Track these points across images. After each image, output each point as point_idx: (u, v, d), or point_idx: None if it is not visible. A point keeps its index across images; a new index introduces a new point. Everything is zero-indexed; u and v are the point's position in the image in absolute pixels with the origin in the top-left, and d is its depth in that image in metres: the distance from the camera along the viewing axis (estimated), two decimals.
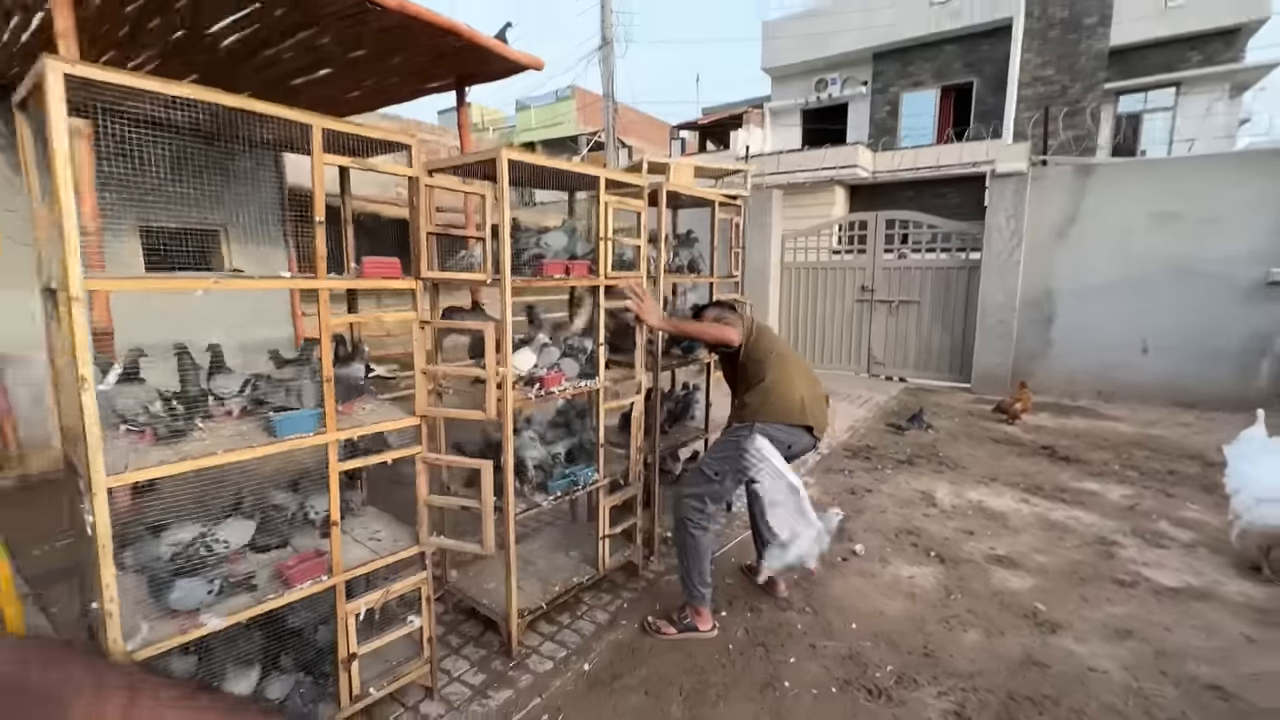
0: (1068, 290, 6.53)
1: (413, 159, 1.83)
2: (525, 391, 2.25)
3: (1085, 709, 2.02)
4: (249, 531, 1.72)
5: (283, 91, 3.71)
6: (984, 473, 4.38)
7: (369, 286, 1.81)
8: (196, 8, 2.66)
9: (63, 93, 1.20)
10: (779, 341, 2.72)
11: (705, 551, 2.42)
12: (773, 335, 2.75)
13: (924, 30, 15.52)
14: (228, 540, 1.61)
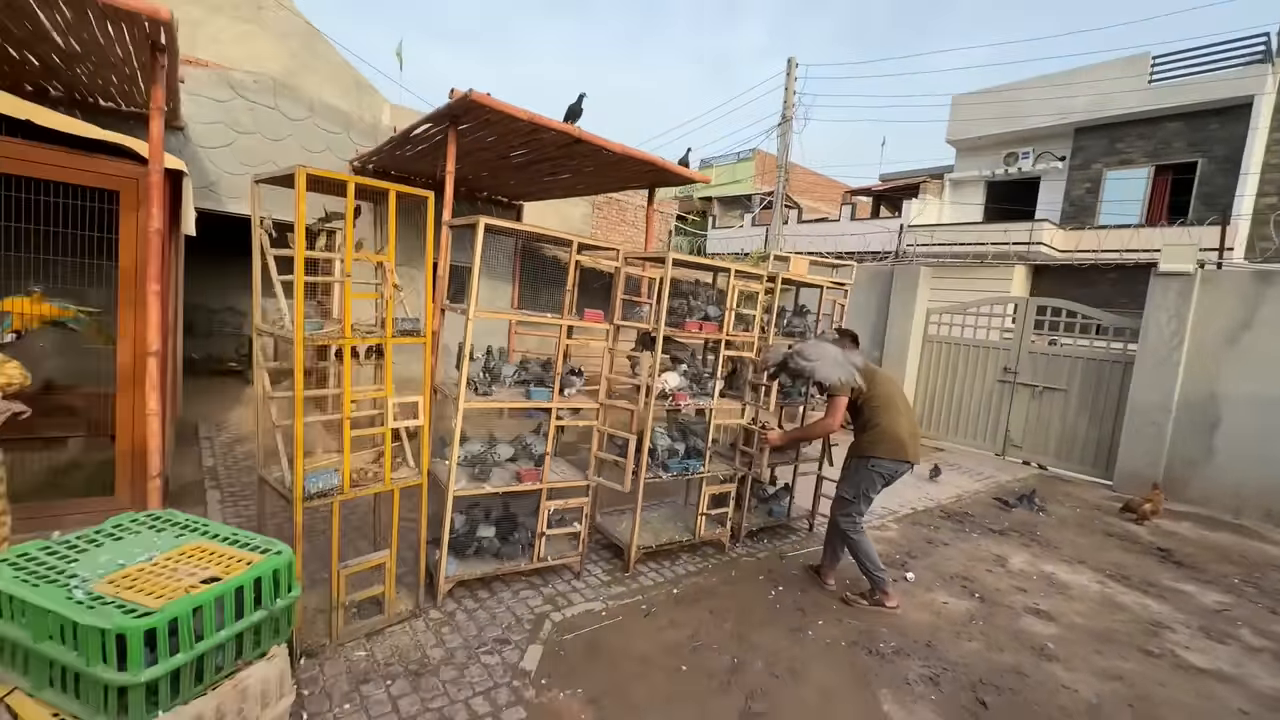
0: (1238, 396, 6.19)
1: (620, 259, 3.20)
2: (662, 402, 3.49)
3: (1039, 703, 2.65)
4: (510, 452, 3.16)
5: (539, 185, 5.55)
6: (1073, 555, 4.64)
7: (587, 326, 3.20)
8: (504, 155, 4.43)
9: (482, 232, 2.72)
10: (889, 384, 3.51)
11: (868, 546, 3.39)
12: (884, 379, 3.52)
13: (1139, 108, 14.51)
14: (499, 452, 3.05)
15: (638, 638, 2.86)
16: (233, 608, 1.76)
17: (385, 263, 2.44)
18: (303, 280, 2.25)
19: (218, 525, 2.11)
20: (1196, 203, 14.15)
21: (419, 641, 2.62)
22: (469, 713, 2.21)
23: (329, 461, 2.56)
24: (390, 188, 2.45)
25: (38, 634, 1.60)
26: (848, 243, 17.71)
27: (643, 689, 2.48)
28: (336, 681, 2.30)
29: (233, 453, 4.92)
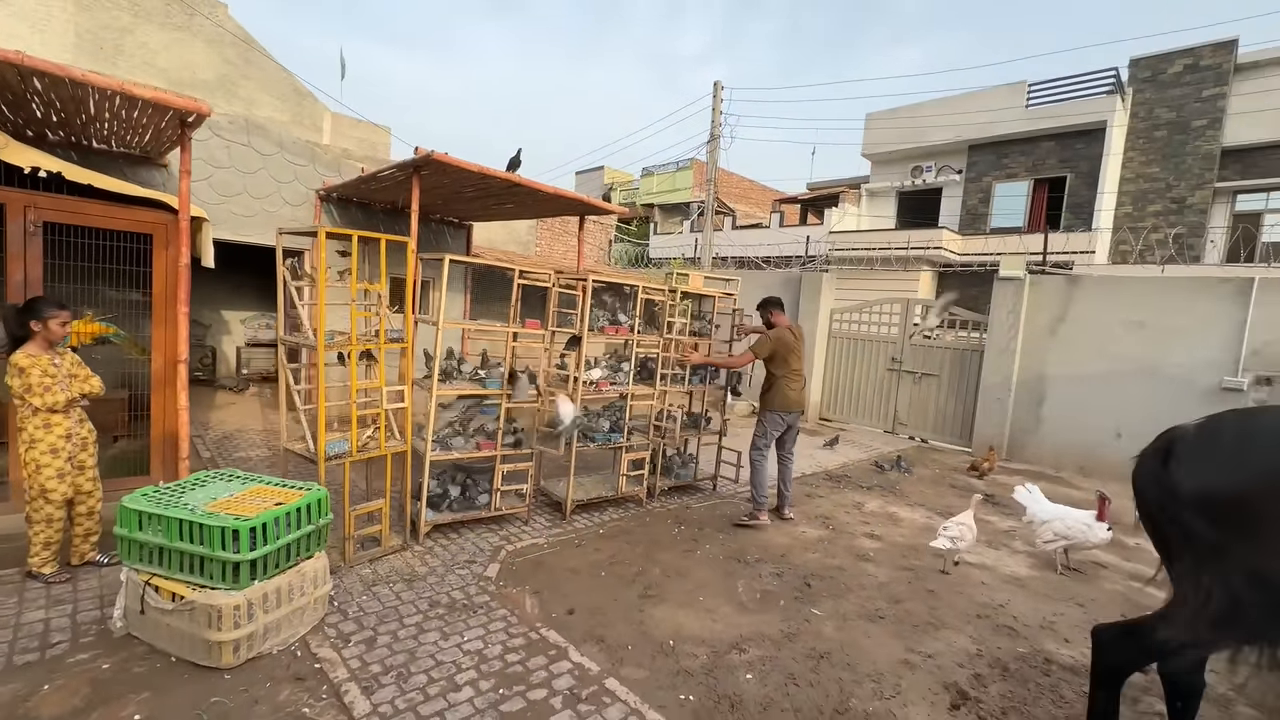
0: (1059, 376, 7.79)
1: (552, 281, 4.25)
2: (588, 390, 4.56)
3: (846, 583, 3.86)
4: (475, 425, 4.17)
5: (488, 211, 6.53)
6: (917, 500, 6.00)
7: (529, 333, 4.23)
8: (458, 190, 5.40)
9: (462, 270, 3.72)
10: (791, 353, 4.87)
11: (763, 475, 4.80)
12: (789, 347, 4.87)
13: (1019, 129, 16.59)
14: (464, 426, 4.05)
15: (570, 559, 3.92)
16: (294, 521, 2.73)
17: (380, 291, 3.42)
18: (324, 306, 3.21)
19: (268, 476, 3.06)
20: (1067, 212, 16.35)
21: (409, 563, 3.60)
22: (450, 599, 3.22)
23: (340, 435, 3.51)
24: (381, 237, 3.43)
25: (172, 536, 2.54)
26: (783, 248, 19.29)
27: (572, 585, 3.54)
28: (354, 586, 3.27)
29: (224, 446, 5.69)
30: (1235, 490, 1.89)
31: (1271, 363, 6.48)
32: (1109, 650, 2.21)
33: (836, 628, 3.30)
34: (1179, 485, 2.01)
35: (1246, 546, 1.85)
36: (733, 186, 26.92)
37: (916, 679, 2.87)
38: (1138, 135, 16.34)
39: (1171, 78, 15.87)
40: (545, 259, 12.99)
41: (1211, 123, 15.41)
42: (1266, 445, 1.90)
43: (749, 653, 2.97)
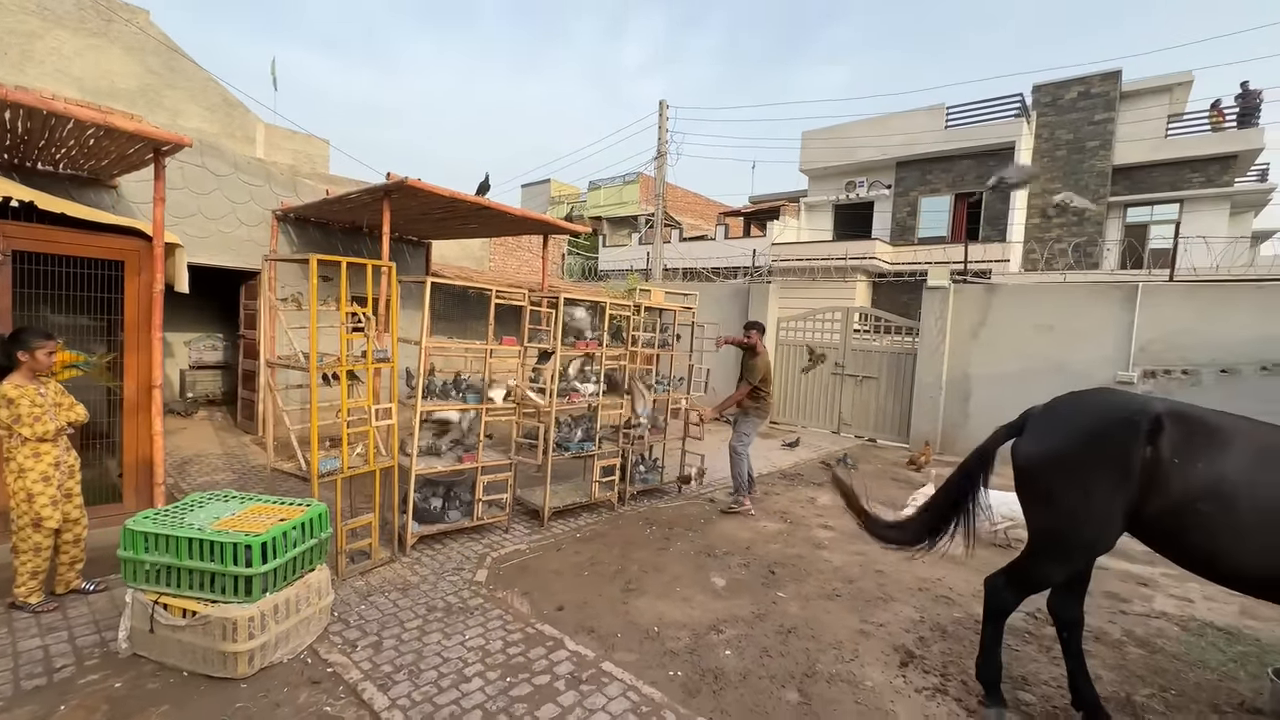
0: (981, 375, 8.59)
1: (527, 299, 4.50)
2: (560, 400, 4.81)
3: (806, 569, 4.27)
4: (458, 436, 4.34)
5: (451, 230, 6.68)
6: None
7: (506, 349, 4.46)
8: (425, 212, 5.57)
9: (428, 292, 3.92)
10: (770, 373, 5.63)
11: (746, 465, 5.40)
12: (770, 366, 5.65)
13: (939, 148, 17.96)
14: (446, 439, 4.23)
15: (553, 562, 4.16)
16: (300, 536, 2.88)
17: (368, 314, 3.58)
18: (316, 330, 3.35)
19: (265, 495, 3.18)
20: (984, 225, 17.79)
21: (400, 574, 3.75)
22: (446, 603, 3.41)
23: (331, 453, 3.63)
24: (368, 263, 3.61)
25: (182, 555, 2.65)
26: (729, 259, 20.02)
27: (558, 585, 3.79)
28: (350, 597, 3.40)
29: (185, 472, 5.58)
30: (1058, 452, 2.44)
31: (1155, 359, 7.43)
32: (992, 593, 2.70)
33: (800, 607, 3.69)
34: (1024, 451, 2.55)
35: (1067, 496, 2.39)
36: (678, 200, 27.66)
37: (871, 644, 3.28)
38: (1042, 154, 18.01)
39: (1068, 103, 17.62)
40: (500, 274, 13.10)
41: (1103, 144, 17.19)
42: (1083, 417, 2.47)
43: (726, 633, 3.31)
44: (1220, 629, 3.68)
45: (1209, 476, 2.15)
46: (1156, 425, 2.25)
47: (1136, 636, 3.55)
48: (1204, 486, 2.15)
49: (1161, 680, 3.07)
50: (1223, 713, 2.82)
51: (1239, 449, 2.17)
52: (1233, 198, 16.82)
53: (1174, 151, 17.02)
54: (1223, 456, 2.16)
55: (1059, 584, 2.65)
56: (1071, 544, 2.45)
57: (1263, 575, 2.14)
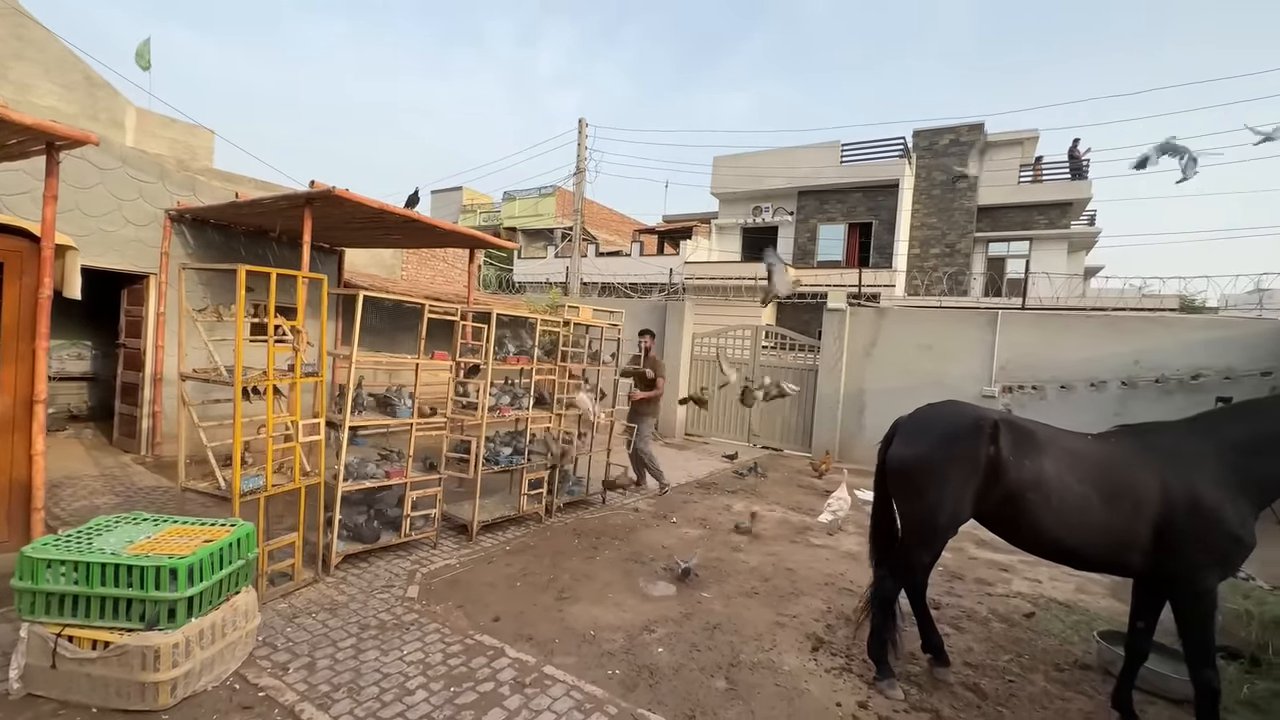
0: (874, 389, 9.51)
1: (460, 315, 4.53)
2: (491, 415, 4.86)
3: (726, 570, 4.60)
4: (373, 455, 4.26)
5: (370, 239, 6.50)
6: (773, 499, 7.04)
7: (437, 364, 4.45)
8: (346, 221, 5.42)
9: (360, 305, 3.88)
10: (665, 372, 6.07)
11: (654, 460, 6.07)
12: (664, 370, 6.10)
13: (835, 180, 19.59)
14: (374, 455, 4.15)
15: (485, 575, 4.20)
16: (227, 557, 2.79)
17: (300, 328, 3.50)
18: (242, 343, 3.24)
19: (181, 516, 3.03)
20: (874, 253, 19.58)
21: (326, 594, 3.64)
22: (379, 620, 3.37)
23: (253, 470, 3.48)
24: (300, 275, 3.52)
25: (93, 582, 2.49)
26: (644, 276, 20.54)
27: (492, 597, 3.84)
28: (274, 621, 3.27)
29: (57, 496, 5.00)
30: (923, 454, 2.94)
31: (1011, 376, 8.62)
32: (879, 583, 3.18)
33: (723, 605, 3.99)
34: (896, 455, 3.06)
35: (931, 489, 2.88)
36: (595, 215, 28.01)
37: (786, 634, 3.63)
38: (920, 192, 20.17)
39: (942, 148, 19.88)
40: (414, 284, 12.70)
41: (970, 186, 19.55)
42: (940, 424, 2.98)
43: (657, 632, 3.53)
44: (1061, 603, 4.41)
45: (1034, 471, 2.69)
46: (995, 429, 2.78)
47: (999, 614, 4.18)
48: (1031, 479, 2.69)
49: (1017, 647, 3.66)
50: (1061, 670, 3.42)
51: (1053, 450, 2.74)
52: (1069, 238, 19.69)
53: (1025, 196, 19.66)
54: (1042, 456, 2.72)
55: (927, 566, 3.13)
56: (936, 530, 2.94)
57: (1071, 546, 2.72)
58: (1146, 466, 2.66)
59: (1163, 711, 3.05)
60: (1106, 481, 2.67)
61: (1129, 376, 7.93)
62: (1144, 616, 2.88)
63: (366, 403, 4.42)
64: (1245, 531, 2.55)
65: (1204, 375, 7.52)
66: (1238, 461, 2.59)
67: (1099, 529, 2.65)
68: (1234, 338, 7.68)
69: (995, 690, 3.15)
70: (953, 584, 4.72)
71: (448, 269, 14.39)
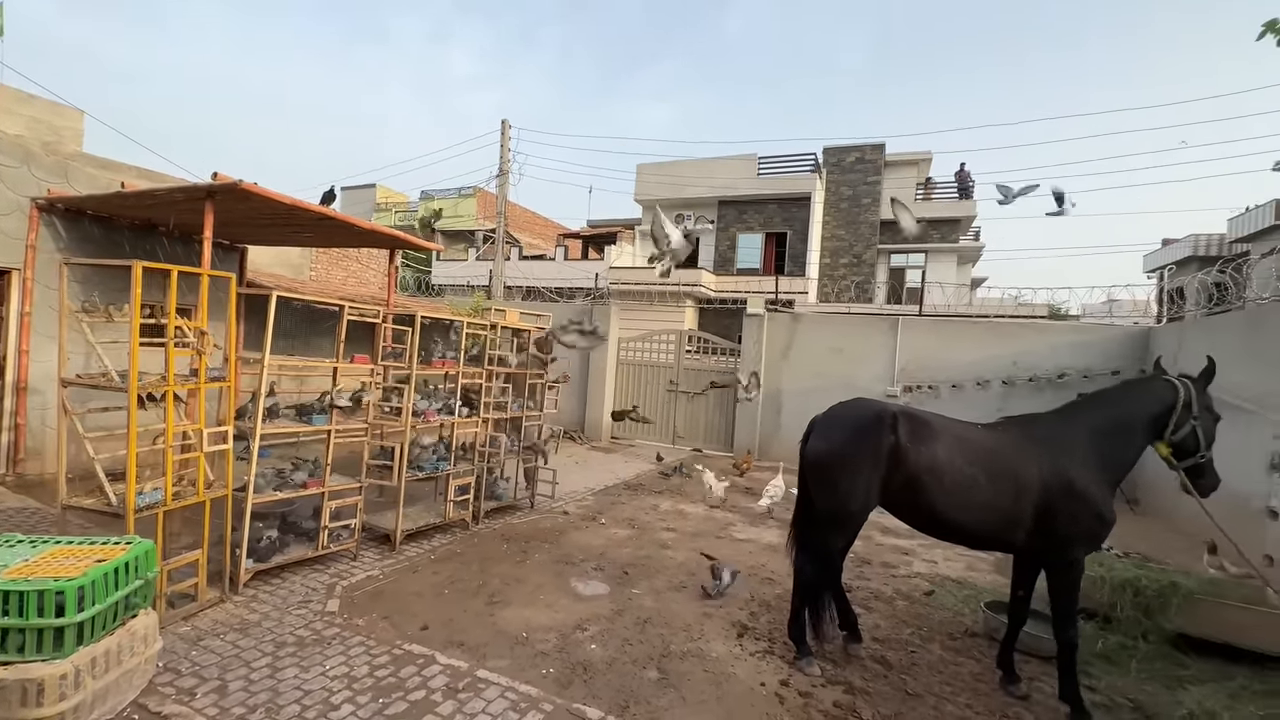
0: (790, 390, 10.03)
1: (382, 317, 4.38)
2: (415, 421, 4.73)
3: (655, 566, 4.72)
4: (297, 466, 4.03)
5: (277, 237, 6.12)
6: (698, 498, 7.26)
7: (357, 369, 4.28)
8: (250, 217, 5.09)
9: (274, 307, 3.67)
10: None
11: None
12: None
13: (753, 191, 20.45)
14: (290, 467, 3.93)
15: (410, 584, 4.08)
16: (121, 577, 2.57)
17: (205, 330, 3.26)
18: (138, 345, 2.99)
19: (65, 536, 2.76)
20: (789, 261, 20.59)
21: (235, 614, 3.41)
22: (297, 637, 3.20)
23: (154, 483, 3.20)
24: (203, 272, 3.30)
25: None
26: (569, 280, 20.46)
27: (419, 606, 3.74)
28: (176, 645, 3.02)
29: None
30: (835, 447, 3.22)
31: (911, 377, 9.38)
32: (799, 570, 3.42)
33: (653, 600, 4.11)
34: (812, 450, 3.33)
35: (844, 479, 3.15)
36: (518, 218, 27.60)
37: (713, 624, 3.80)
38: (830, 206, 21.47)
39: (849, 165, 21.26)
40: (324, 285, 12.00)
41: (873, 201, 21.01)
42: (849, 419, 3.27)
43: (590, 630, 3.58)
44: (954, 580, 4.88)
45: (928, 456, 3.00)
46: (895, 420, 3.08)
47: (902, 593, 4.57)
48: (926, 464, 2.99)
49: (918, 621, 4.03)
50: (955, 638, 3.81)
51: (944, 438, 3.07)
52: (959, 252, 21.61)
53: (921, 212, 21.35)
54: (935, 443, 3.04)
55: (841, 550, 3.41)
56: (851, 516, 3.21)
57: (961, 523, 3.04)
58: (1026, 453, 3.04)
59: (1037, 668, 3.47)
60: (992, 464, 3.01)
61: (1008, 376, 8.86)
62: (1023, 586, 3.26)
63: (283, 411, 4.17)
64: (1108, 509, 2.97)
65: (1068, 375, 8.54)
66: (1098, 445, 3.01)
67: (985, 507, 2.99)
68: (1091, 342, 8.78)
69: (899, 660, 3.45)
70: (862, 569, 5.09)
71: (362, 270, 13.69)
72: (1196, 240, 21.32)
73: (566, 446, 10.34)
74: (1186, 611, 3.66)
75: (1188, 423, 2.98)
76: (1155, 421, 3.04)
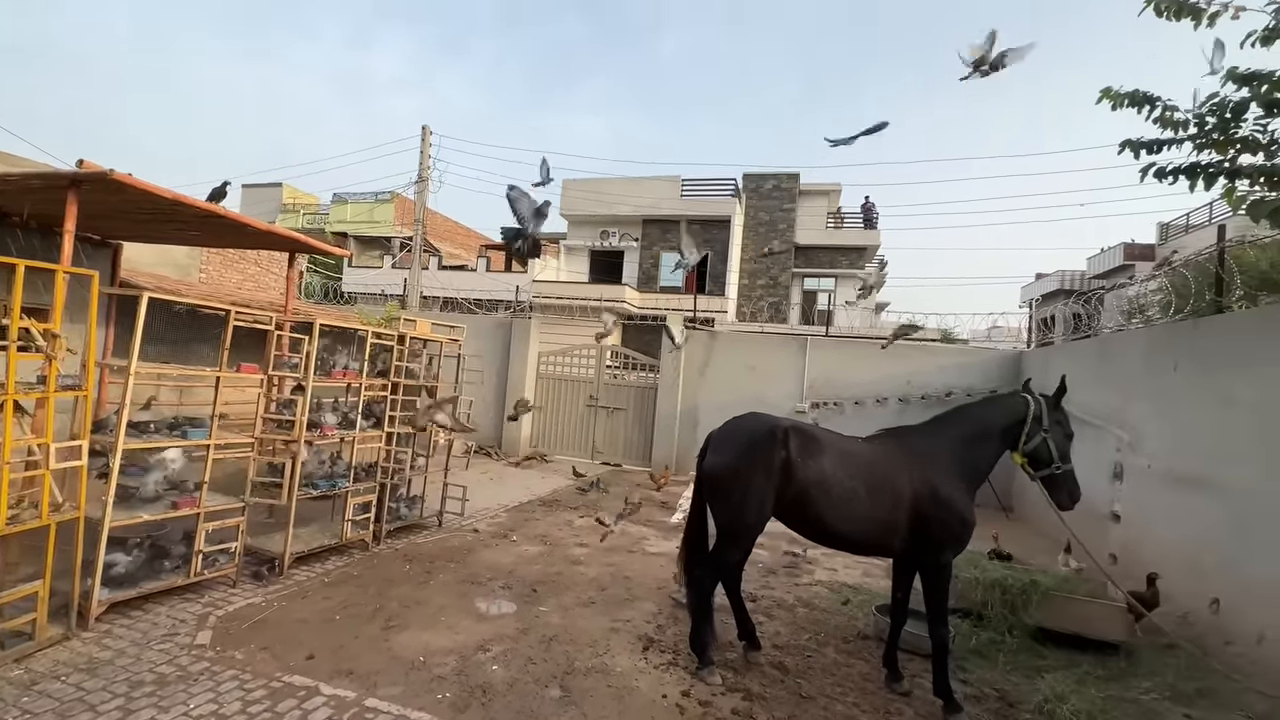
0: (706, 406, 10.28)
1: (274, 325, 4.10)
2: (311, 434, 4.44)
3: (566, 583, 4.67)
4: (168, 483, 3.66)
5: (158, 235, 5.60)
6: (613, 511, 7.24)
7: (246, 377, 3.97)
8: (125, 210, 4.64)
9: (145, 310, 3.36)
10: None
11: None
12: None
13: (676, 211, 20.98)
14: (155, 484, 3.56)
15: (297, 611, 3.79)
16: None
17: (57, 333, 2.92)
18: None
19: None
20: (710, 281, 21.24)
21: (83, 652, 3.03)
22: (158, 675, 2.89)
23: None
24: (61, 269, 2.96)
25: None
26: (490, 292, 20.01)
27: (305, 634, 3.49)
28: (5, 691, 2.64)
29: None
30: (730, 461, 3.34)
31: (818, 394, 9.89)
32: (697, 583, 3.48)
33: (560, 617, 4.05)
34: (708, 464, 3.44)
35: (738, 491, 3.27)
36: (439, 226, 26.81)
37: (620, 638, 3.80)
38: (748, 229, 22.40)
39: (766, 191, 22.32)
40: (215, 288, 11.07)
41: (789, 226, 22.13)
42: (743, 434, 3.40)
43: (492, 650, 3.48)
44: (850, 586, 5.15)
45: (817, 469, 3.18)
46: (786, 435, 3.25)
47: (803, 600, 4.77)
48: (815, 476, 3.17)
49: (816, 627, 4.22)
50: (848, 641, 4.02)
51: (830, 451, 3.26)
52: (864, 278, 23.07)
53: (831, 239, 22.74)
54: (823, 456, 3.23)
55: (739, 562, 3.53)
56: (745, 528, 3.32)
57: (845, 532, 3.24)
58: (899, 464, 3.28)
59: (920, 666, 3.71)
60: (871, 476, 3.23)
61: (904, 394, 9.55)
62: (901, 589, 3.50)
63: (155, 425, 3.80)
64: (970, 513, 3.26)
65: (954, 392, 9.32)
66: (960, 454, 3.31)
67: (866, 518, 3.19)
68: (974, 363, 9.65)
69: (796, 665, 3.60)
70: (768, 578, 5.27)
71: (260, 273, 12.74)
72: (1063, 275, 23.94)
73: (482, 463, 10.06)
74: (1044, 607, 4.06)
75: (1039, 435, 3.34)
76: (1007, 433, 3.39)
